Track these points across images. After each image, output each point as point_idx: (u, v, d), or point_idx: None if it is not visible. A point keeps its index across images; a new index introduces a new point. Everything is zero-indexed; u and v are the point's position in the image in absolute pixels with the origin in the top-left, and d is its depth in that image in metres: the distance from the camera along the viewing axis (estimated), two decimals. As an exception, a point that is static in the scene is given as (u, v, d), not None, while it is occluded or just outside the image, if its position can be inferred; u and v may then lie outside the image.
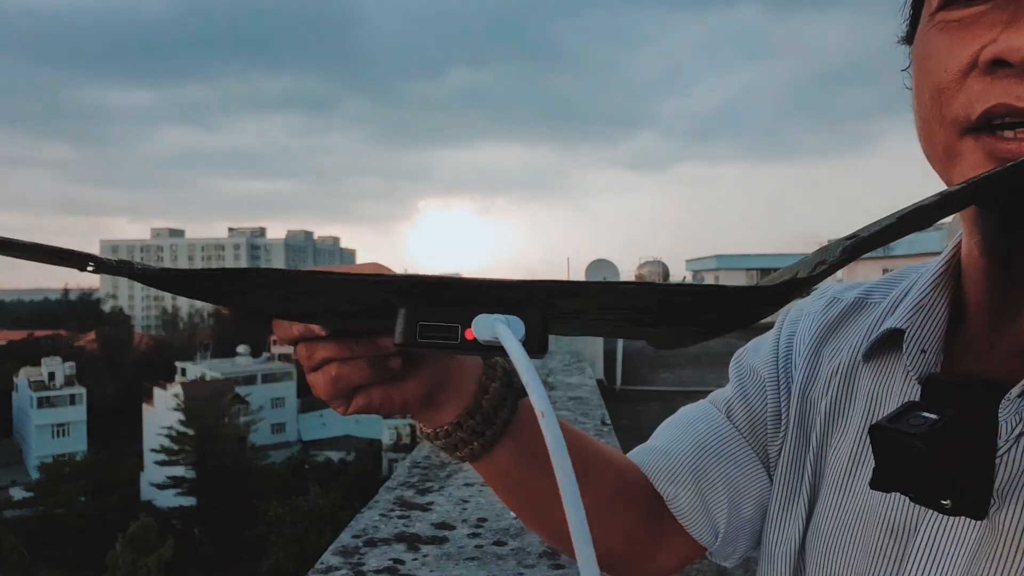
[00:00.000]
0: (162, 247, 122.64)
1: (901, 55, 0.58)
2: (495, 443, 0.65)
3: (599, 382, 7.79)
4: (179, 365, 56.07)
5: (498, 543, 1.96)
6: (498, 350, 0.38)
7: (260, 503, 31.65)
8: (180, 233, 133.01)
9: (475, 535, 2.02)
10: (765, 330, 0.77)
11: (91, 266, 0.36)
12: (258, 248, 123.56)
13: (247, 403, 46.77)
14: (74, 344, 62.22)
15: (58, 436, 49.47)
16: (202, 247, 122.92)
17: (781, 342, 0.74)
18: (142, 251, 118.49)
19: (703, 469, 0.72)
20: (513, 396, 0.65)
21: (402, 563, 1.83)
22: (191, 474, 38.66)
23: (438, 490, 2.39)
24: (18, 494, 40.10)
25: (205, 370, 52.87)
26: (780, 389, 0.72)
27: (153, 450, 40.62)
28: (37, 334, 63.92)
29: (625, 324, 0.45)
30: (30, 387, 50.32)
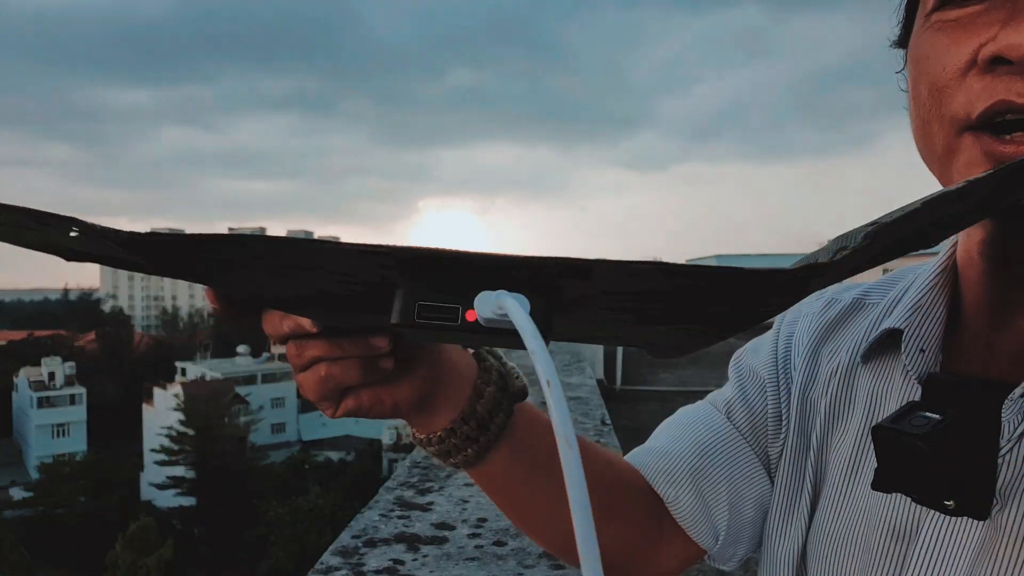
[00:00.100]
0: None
1: (900, 55, 0.58)
2: (490, 449, 0.63)
3: (599, 382, 7.79)
4: (179, 365, 56.07)
5: (498, 543, 1.96)
6: (500, 333, 0.37)
7: (260, 503, 31.68)
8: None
9: (475, 535, 2.02)
10: (765, 330, 0.77)
11: (75, 230, 0.34)
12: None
13: (247, 403, 46.80)
14: (74, 344, 62.27)
15: (58, 436, 49.51)
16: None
17: (780, 343, 0.73)
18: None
19: (704, 471, 0.71)
20: (509, 400, 0.63)
21: (402, 563, 1.83)
22: (191, 474, 38.68)
23: (438, 490, 2.39)
24: (18, 494, 40.13)
25: (205, 370, 52.88)
26: (780, 390, 0.71)
27: (153, 450, 40.65)
28: (37, 334, 63.98)
29: (628, 319, 0.43)
30: (30, 387, 50.35)
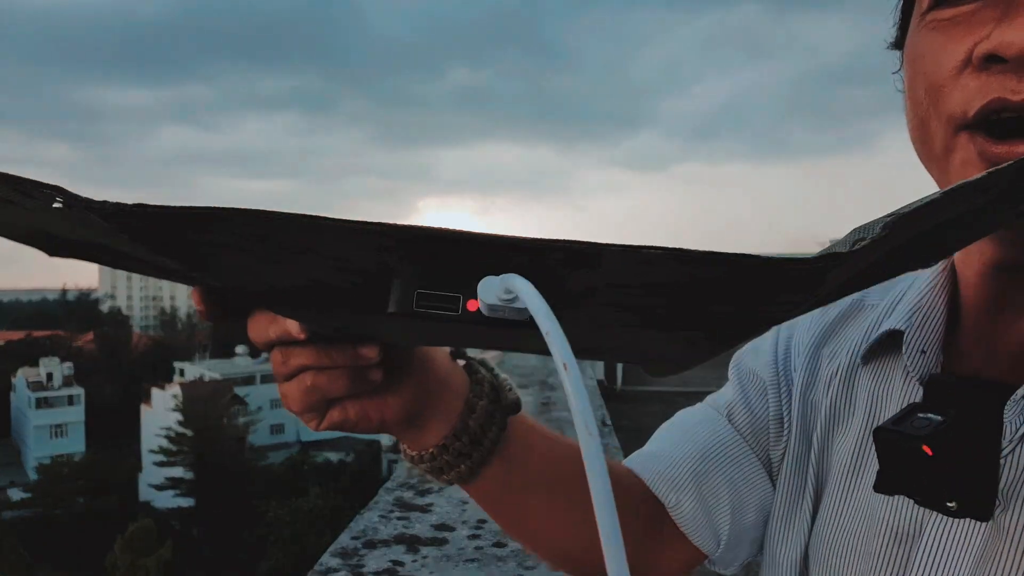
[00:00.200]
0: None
1: (898, 56, 0.58)
2: (483, 465, 0.61)
3: (599, 382, 7.79)
4: (177, 365, 56.12)
5: (498, 544, 1.95)
6: (503, 325, 0.35)
7: (259, 504, 31.68)
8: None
9: (475, 536, 2.01)
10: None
11: (59, 201, 0.33)
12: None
13: (246, 404, 46.78)
14: (72, 344, 62.22)
15: (56, 437, 49.49)
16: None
17: (780, 344, 0.73)
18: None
19: (705, 475, 0.70)
20: (502, 413, 0.62)
21: (402, 564, 1.82)
22: (190, 475, 38.68)
23: (438, 491, 2.38)
24: (16, 495, 40.09)
25: (204, 370, 52.88)
26: (781, 392, 0.71)
27: (151, 451, 40.62)
28: (35, 334, 63.95)
29: (630, 320, 0.41)
30: (28, 387, 50.36)
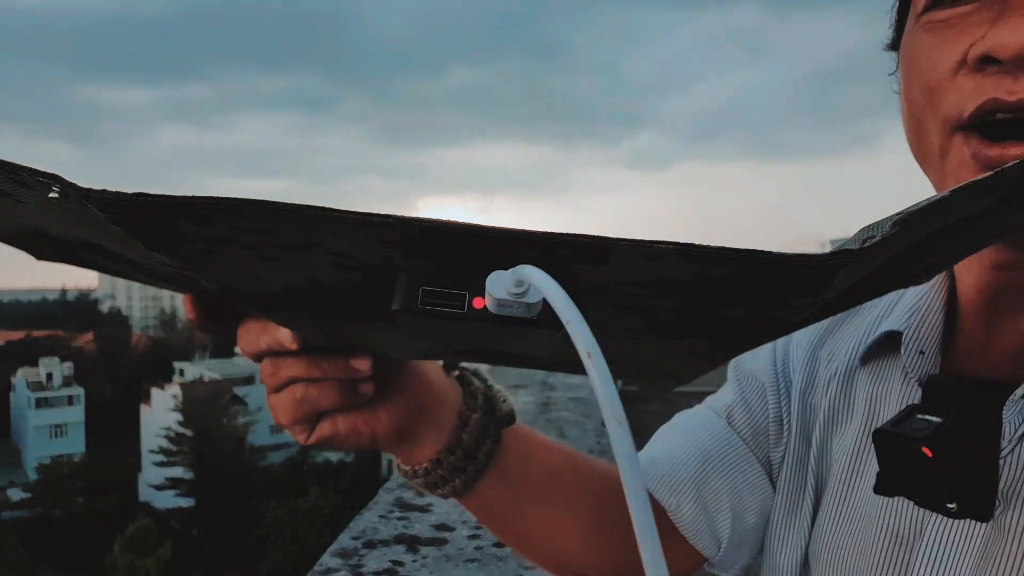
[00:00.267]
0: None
1: (895, 58, 0.59)
2: (478, 478, 0.61)
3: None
4: (177, 365, 56.09)
5: (498, 544, 1.94)
6: (510, 323, 0.35)
7: (259, 504, 31.70)
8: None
9: (475, 536, 2.00)
10: None
11: (55, 190, 0.31)
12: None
13: (245, 404, 46.74)
14: (72, 344, 62.19)
15: (56, 437, 49.49)
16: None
17: (778, 345, 0.73)
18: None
19: (706, 478, 0.70)
20: (496, 426, 0.61)
21: (401, 565, 1.81)
22: (189, 475, 38.69)
23: (438, 491, 2.37)
24: (16, 495, 40.09)
25: (203, 370, 52.86)
26: (780, 394, 0.70)
27: (151, 451, 40.62)
28: (35, 334, 63.93)
29: (635, 323, 0.40)
30: (28, 387, 50.34)
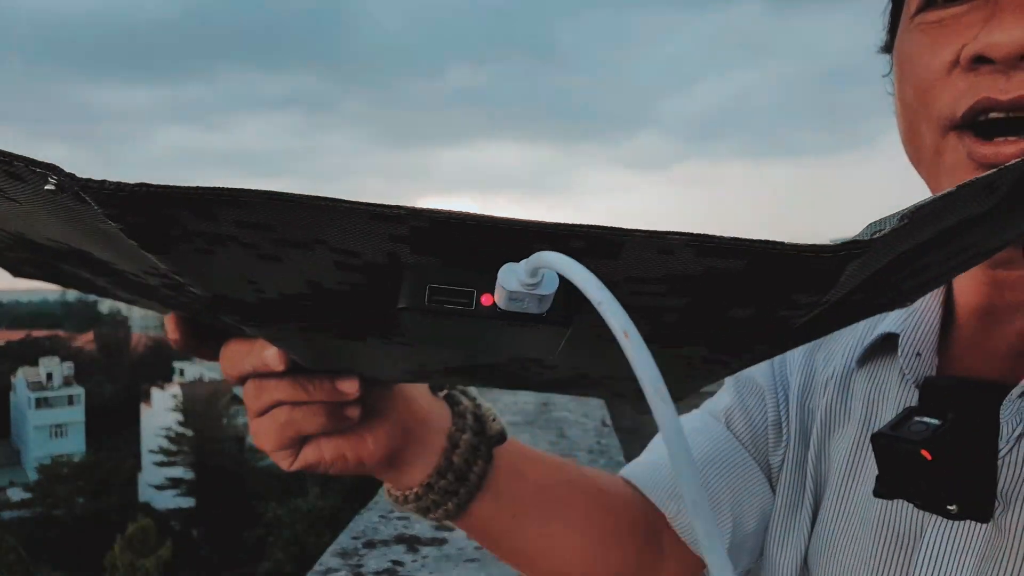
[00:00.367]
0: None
1: (889, 60, 0.58)
2: (471, 500, 0.59)
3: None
4: (177, 366, 56.01)
5: (498, 544, 1.95)
6: (521, 320, 0.33)
7: (259, 504, 31.65)
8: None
9: (475, 536, 2.00)
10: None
11: (52, 181, 0.30)
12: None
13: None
14: (72, 344, 62.19)
15: (56, 437, 49.47)
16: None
17: None
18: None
19: (705, 483, 0.69)
20: (487, 445, 0.60)
21: (401, 564, 1.82)
22: (189, 475, 38.67)
23: (438, 491, 2.37)
24: (16, 495, 40.05)
25: (203, 371, 52.82)
26: (778, 397, 0.70)
27: (151, 451, 40.61)
28: (35, 334, 63.94)
29: (640, 328, 0.37)
30: (28, 387, 50.32)
